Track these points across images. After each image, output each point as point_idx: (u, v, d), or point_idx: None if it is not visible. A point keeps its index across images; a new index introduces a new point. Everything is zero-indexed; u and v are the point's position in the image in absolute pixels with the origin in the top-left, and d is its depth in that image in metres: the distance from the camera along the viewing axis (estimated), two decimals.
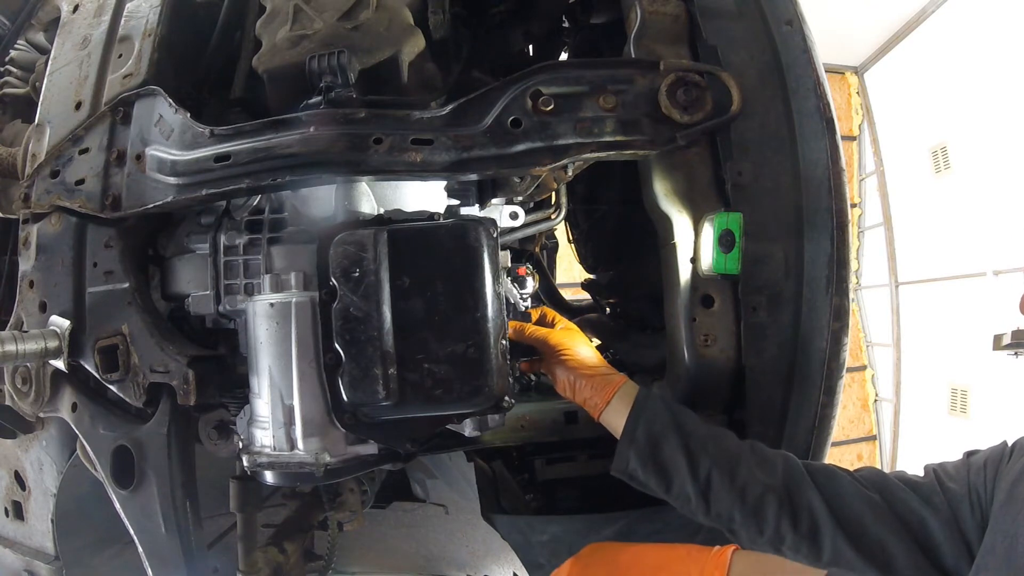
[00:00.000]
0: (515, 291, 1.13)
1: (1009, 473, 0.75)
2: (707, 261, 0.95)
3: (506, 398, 0.84)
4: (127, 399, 0.95)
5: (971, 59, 5.39)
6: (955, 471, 0.82)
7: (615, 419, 0.91)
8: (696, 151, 0.97)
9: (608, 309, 1.86)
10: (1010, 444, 0.80)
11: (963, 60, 5.48)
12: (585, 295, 2.04)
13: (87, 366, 0.96)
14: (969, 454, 0.84)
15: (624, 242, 1.65)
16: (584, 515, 1.22)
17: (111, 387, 0.96)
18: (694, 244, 0.97)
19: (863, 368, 6.95)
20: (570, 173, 1.12)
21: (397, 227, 0.85)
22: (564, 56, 1.66)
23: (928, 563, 0.78)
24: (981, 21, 5.31)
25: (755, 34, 1.03)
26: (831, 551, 0.81)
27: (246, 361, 0.90)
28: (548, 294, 1.93)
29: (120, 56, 1.07)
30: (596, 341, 1.88)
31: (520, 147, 0.90)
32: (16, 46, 1.47)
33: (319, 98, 0.89)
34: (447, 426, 0.93)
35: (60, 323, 0.96)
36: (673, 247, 0.99)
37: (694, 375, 0.97)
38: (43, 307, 1.00)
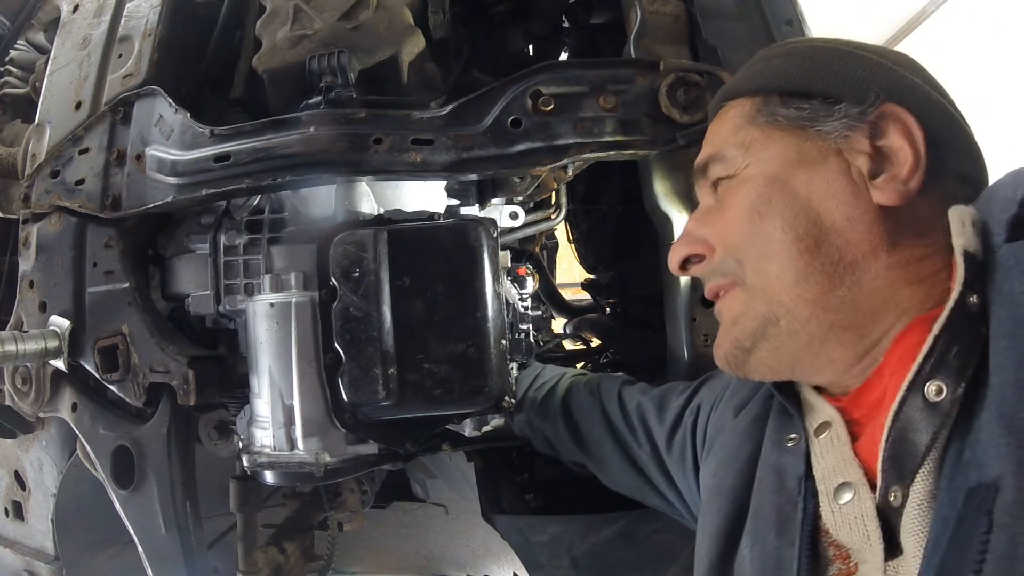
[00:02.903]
0: (515, 291, 1.13)
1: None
2: None
3: (506, 398, 0.84)
4: (127, 399, 0.95)
5: (971, 59, 5.39)
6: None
7: None
8: (696, 151, 0.97)
9: (608, 309, 1.86)
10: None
11: (963, 60, 5.49)
12: (585, 295, 2.04)
13: (87, 366, 0.96)
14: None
15: (624, 242, 1.65)
16: (584, 515, 1.22)
17: (111, 387, 0.96)
18: None
19: None
20: (570, 173, 1.12)
21: (397, 227, 0.85)
22: (564, 56, 1.66)
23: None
24: (981, 21, 5.31)
25: (755, 34, 1.03)
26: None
27: (246, 361, 0.90)
28: (548, 294, 1.93)
29: (120, 56, 1.07)
30: (596, 341, 1.88)
31: (520, 147, 0.90)
32: (16, 46, 1.47)
33: (319, 98, 0.89)
34: (447, 426, 0.93)
35: (60, 323, 0.96)
36: None
37: (694, 375, 0.97)
38: (43, 307, 1.00)
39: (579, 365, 1.79)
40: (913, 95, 0.58)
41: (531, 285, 1.22)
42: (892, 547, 0.49)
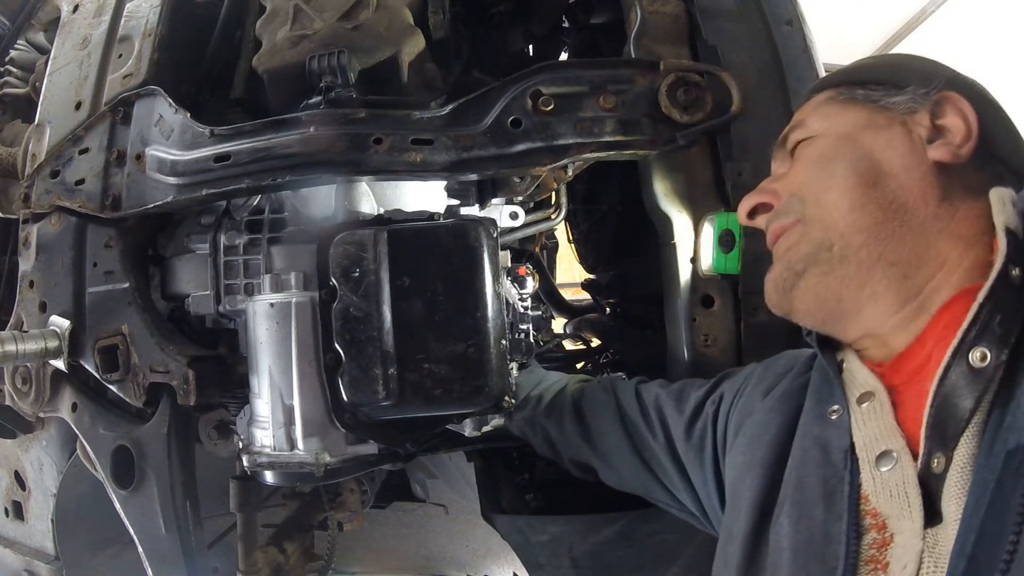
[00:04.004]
0: (515, 291, 1.13)
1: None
2: (707, 261, 0.95)
3: (506, 398, 0.84)
4: (127, 399, 0.94)
5: (971, 59, 5.39)
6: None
7: None
8: (696, 151, 0.98)
9: (608, 309, 1.86)
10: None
11: (963, 60, 5.48)
12: (585, 295, 2.04)
13: (87, 366, 0.96)
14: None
15: (624, 242, 1.65)
16: (584, 515, 1.22)
17: (111, 387, 0.96)
18: (694, 244, 0.97)
19: None
20: (570, 173, 1.12)
21: (397, 227, 0.85)
22: (564, 56, 1.66)
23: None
24: (981, 21, 5.31)
25: (755, 34, 1.03)
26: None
27: (246, 361, 0.90)
28: (548, 294, 1.93)
29: (120, 56, 1.07)
30: (596, 341, 1.88)
31: (520, 147, 0.90)
32: (16, 46, 1.47)
33: (319, 98, 0.89)
34: (447, 426, 0.93)
35: (60, 323, 0.96)
36: (673, 247, 0.99)
37: (694, 375, 0.97)
38: (43, 307, 1.00)
39: (579, 365, 1.79)
40: (970, 89, 0.67)
41: (531, 285, 1.22)
42: (931, 515, 0.50)
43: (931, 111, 0.64)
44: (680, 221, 0.98)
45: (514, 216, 1.14)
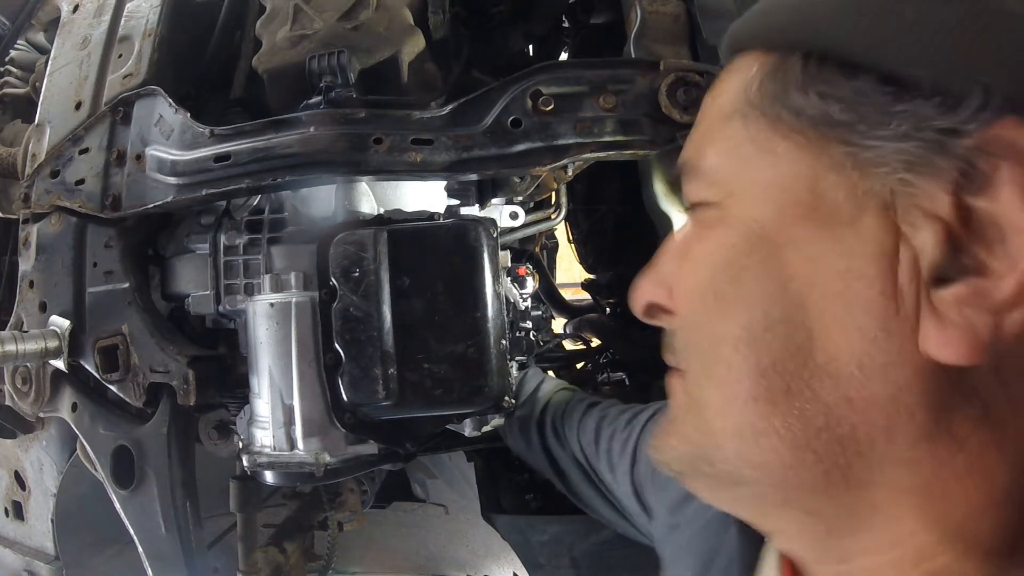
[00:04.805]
0: (515, 291, 1.13)
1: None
2: None
3: (506, 398, 0.84)
4: (127, 399, 0.95)
5: None
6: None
7: None
8: None
9: (608, 309, 1.86)
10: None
11: None
12: (585, 295, 2.04)
13: (87, 366, 0.96)
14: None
15: (624, 242, 1.65)
16: (584, 515, 1.22)
17: (111, 387, 0.96)
18: None
19: None
20: (570, 173, 1.12)
21: (397, 227, 0.85)
22: (564, 56, 1.66)
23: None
24: None
25: None
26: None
27: (246, 361, 0.90)
28: (548, 294, 1.93)
29: (120, 56, 1.07)
30: (596, 341, 1.88)
31: (520, 147, 0.90)
32: (16, 46, 1.47)
33: (319, 98, 0.89)
34: (447, 426, 0.93)
35: (60, 323, 0.96)
36: None
37: None
38: (43, 307, 1.00)
39: (579, 365, 1.79)
40: None
41: (531, 285, 1.22)
42: None
43: (959, 174, 0.27)
44: (680, 221, 0.98)
45: (514, 216, 1.14)
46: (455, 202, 1.05)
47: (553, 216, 1.26)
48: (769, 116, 0.33)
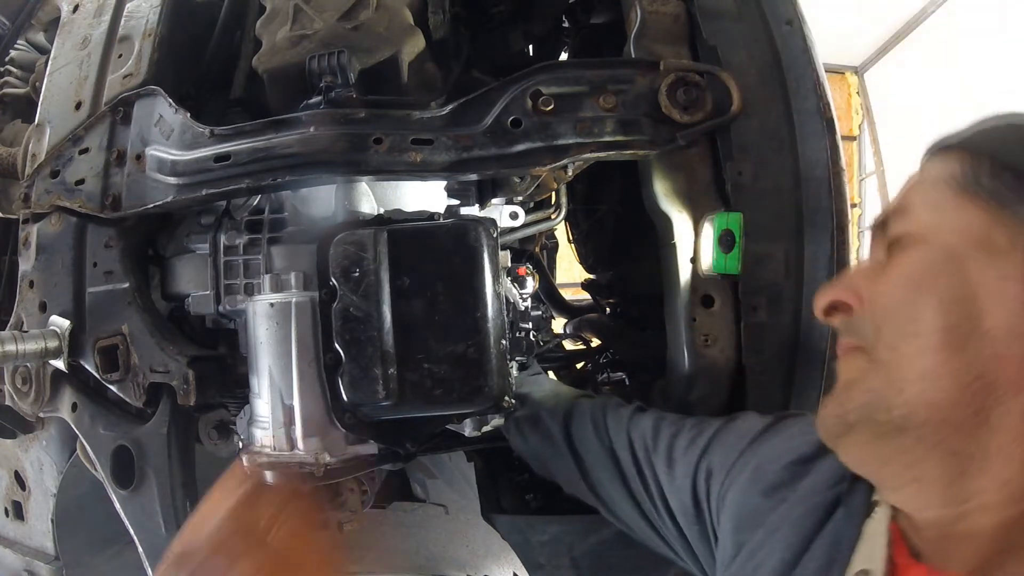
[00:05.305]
0: (515, 291, 1.13)
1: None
2: (707, 261, 0.95)
3: (506, 398, 0.84)
4: (127, 399, 0.95)
5: (971, 59, 5.39)
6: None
7: None
8: (696, 151, 0.97)
9: (608, 309, 1.86)
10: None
11: (963, 60, 5.48)
12: (585, 295, 2.04)
13: (87, 366, 0.97)
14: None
15: (624, 242, 1.65)
16: (584, 515, 1.22)
17: (111, 387, 0.96)
18: (694, 244, 0.97)
19: None
20: (570, 173, 1.12)
21: (397, 227, 0.85)
22: (564, 56, 1.66)
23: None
24: (981, 21, 5.31)
25: (755, 34, 1.03)
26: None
27: (246, 361, 0.90)
28: (548, 294, 1.93)
29: (120, 56, 1.07)
30: (596, 341, 1.88)
31: (520, 147, 0.90)
32: (16, 46, 1.47)
33: (319, 98, 0.89)
34: (447, 426, 0.93)
35: (60, 323, 0.96)
36: (673, 247, 0.99)
37: (694, 375, 0.97)
38: (43, 307, 1.00)
39: (579, 365, 1.79)
40: None
41: (531, 285, 1.22)
42: None
43: None
44: (680, 221, 0.98)
45: (514, 216, 1.14)
46: (455, 202, 1.05)
47: (553, 216, 1.26)
48: (967, 187, 0.53)
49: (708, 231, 0.95)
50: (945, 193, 0.54)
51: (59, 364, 0.97)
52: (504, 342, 0.85)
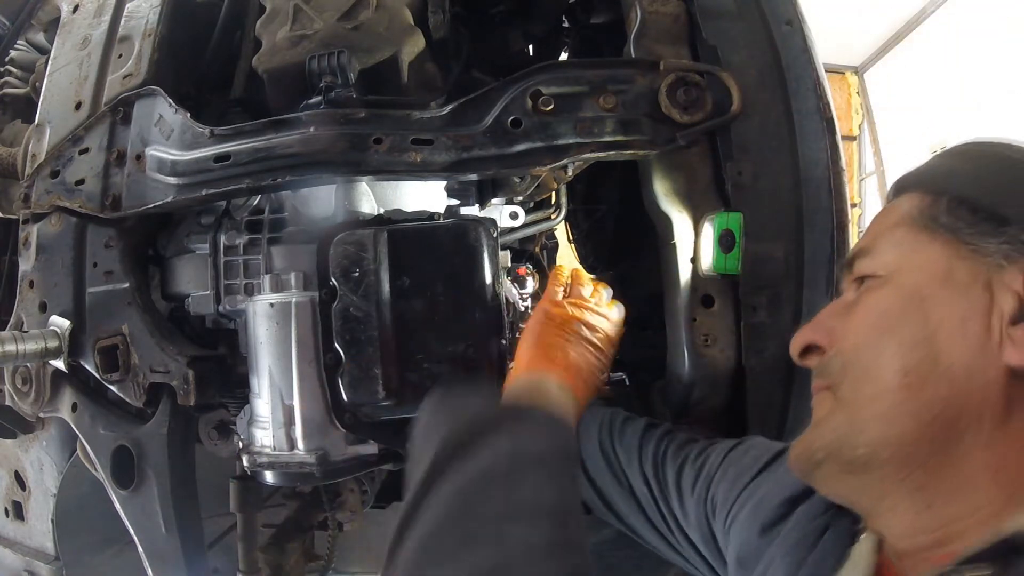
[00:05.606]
0: (515, 291, 1.13)
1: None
2: (707, 261, 0.95)
3: None
4: (127, 399, 0.95)
5: (971, 58, 5.39)
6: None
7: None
8: (696, 151, 0.97)
9: None
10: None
11: (963, 60, 5.48)
12: None
13: (87, 366, 0.97)
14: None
15: (624, 242, 1.65)
16: (584, 515, 1.22)
17: (111, 387, 0.96)
18: (694, 244, 0.97)
19: None
20: (570, 173, 1.12)
21: (397, 227, 0.85)
22: (564, 56, 1.66)
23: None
24: (981, 21, 5.31)
25: (755, 34, 1.03)
26: None
27: (246, 361, 0.90)
28: None
29: (120, 56, 1.07)
30: None
31: (520, 147, 0.90)
32: (16, 46, 1.47)
33: (319, 98, 0.89)
34: None
35: (60, 323, 0.96)
36: (673, 247, 0.99)
37: (694, 375, 0.96)
38: (43, 307, 1.00)
39: None
40: None
41: (531, 285, 1.22)
42: None
43: None
44: (680, 221, 0.98)
45: (514, 216, 1.14)
46: (455, 202, 1.05)
47: (553, 216, 1.26)
48: (926, 225, 0.54)
49: (708, 231, 0.95)
50: (907, 232, 0.56)
51: (59, 364, 0.97)
52: (504, 342, 0.85)
